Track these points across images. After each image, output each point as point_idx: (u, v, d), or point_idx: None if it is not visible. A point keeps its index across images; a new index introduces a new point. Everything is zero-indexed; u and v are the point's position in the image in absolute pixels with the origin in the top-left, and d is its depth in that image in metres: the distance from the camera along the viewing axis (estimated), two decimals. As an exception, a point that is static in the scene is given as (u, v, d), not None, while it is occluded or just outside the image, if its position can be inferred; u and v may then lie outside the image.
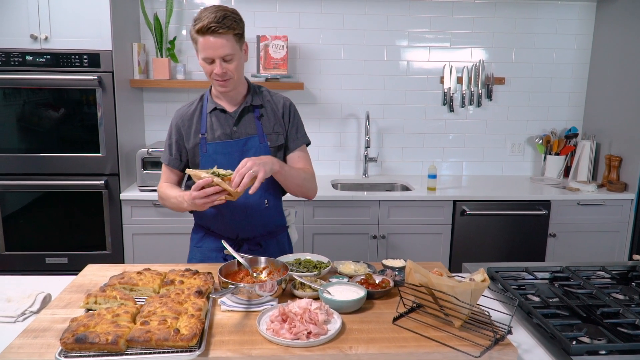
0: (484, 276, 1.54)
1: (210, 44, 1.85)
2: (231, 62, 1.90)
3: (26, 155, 3.20)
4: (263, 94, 2.11)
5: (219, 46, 1.85)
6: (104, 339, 1.30)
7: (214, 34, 1.83)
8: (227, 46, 1.86)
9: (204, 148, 2.03)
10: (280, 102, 2.11)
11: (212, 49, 1.86)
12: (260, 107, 2.07)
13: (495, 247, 3.50)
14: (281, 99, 2.12)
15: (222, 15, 1.84)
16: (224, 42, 1.85)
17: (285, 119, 2.10)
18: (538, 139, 3.96)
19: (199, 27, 1.84)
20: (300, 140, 2.13)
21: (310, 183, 2.10)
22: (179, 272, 1.74)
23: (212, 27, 1.82)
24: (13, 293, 1.72)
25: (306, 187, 2.09)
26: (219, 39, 1.85)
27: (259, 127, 2.05)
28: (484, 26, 3.86)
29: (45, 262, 3.31)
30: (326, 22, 3.77)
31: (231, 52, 1.88)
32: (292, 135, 2.11)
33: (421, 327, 1.51)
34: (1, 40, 3.06)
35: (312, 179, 2.12)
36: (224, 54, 1.87)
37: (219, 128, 2.04)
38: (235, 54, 1.90)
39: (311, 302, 1.52)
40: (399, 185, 3.83)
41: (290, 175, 1.98)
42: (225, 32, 1.84)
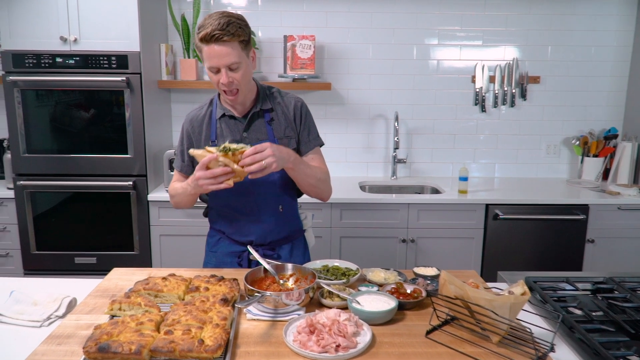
0: (524, 289, 1.46)
1: (214, 53, 1.76)
2: (237, 70, 1.81)
3: (56, 156, 3.22)
4: (273, 96, 2.03)
5: (224, 54, 1.76)
6: (127, 348, 1.26)
7: (218, 42, 1.74)
8: (232, 54, 1.77)
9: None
10: (292, 104, 2.02)
11: (216, 57, 1.77)
12: (270, 111, 1.99)
13: (529, 253, 3.38)
14: (292, 100, 2.03)
15: (226, 22, 1.74)
16: (229, 50, 1.76)
17: (296, 121, 2.02)
18: (575, 140, 3.81)
19: (202, 35, 1.75)
20: (312, 142, 2.04)
21: (324, 184, 2.03)
22: (204, 278, 1.70)
23: (216, 34, 1.73)
24: (39, 297, 1.71)
25: (320, 188, 2.02)
26: (224, 47, 1.75)
27: (269, 132, 1.98)
28: (517, 23, 3.73)
29: (75, 262, 3.32)
30: (354, 21, 3.70)
31: (237, 60, 1.79)
32: (304, 138, 2.03)
33: (456, 342, 1.44)
34: (32, 42, 3.08)
35: (326, 179, 2.05)
36: (229, 63, 1.78)
37: (229, 134, 1.98)
38: (241, 61, 1.80)
39: (340, 313, 1.46)
40: (428, 187, 3.74)
41: (304, 173, 1.91)
42: (230, 39, 1.75)
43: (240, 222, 2.04)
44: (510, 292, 1.46)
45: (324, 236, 3.26)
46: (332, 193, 2.10)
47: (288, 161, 1.80)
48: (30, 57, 3.09)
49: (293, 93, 2.07)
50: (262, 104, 1.98)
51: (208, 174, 1.70)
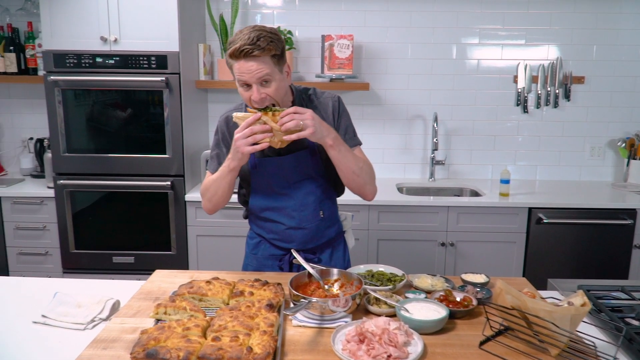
0: (584, 299, 1.39)
1: (244, 68, 1.68)
2: (269, 84, 1.72)
3: (95, 156, 3.25)
4: (310, 100, 1.94)
5: (255, 69, 1.67)
6: (175, 355, 1.24)
7: (247, 56, 1.66)
8: (263, 69, 1.68)
9: (254, 164, 1.91)
10: (329, 104, 1.94)
11: (247, 72, 1.68)
12: None
13: (573, 259, 3.26)
14: (329, 100, 1.95)
15: (256, 36, 1.66)
16: (260, 64, 1.67)
17: (335, 122, 1.93)
18: (621, 142, 3.68)
19: (231, 51, 1.67)
20: (350, 142, 1.92)
21: (367, 175, 1.92)
22: (248, 282, 1.67)
23: (246, 49, 1.64)
24: (83, 298, 1.70)
25: (364, 179, 1.89)
26: (254, 62, 1.67)
27: (309, 141, 1.86)
28: (562, 22, 3.62)
29: (113, 261, 3.35)
30: (392, 20, 3.63)
31: (269, 75, 1.70)
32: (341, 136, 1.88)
33: (512, 354, 1.38)
34: (72, 42, 3.11)
35: (370, 171, 1.94)
36: (260, 77, 1.69)
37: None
38: (273, 75, 1.71)
39: (389, 322, 1.41)
40: (467, 189, 3.65)
41: (346, 157, 1.81)
42: (261, 53, 1.66)
43: (281, 228, 2.00)
44: (569, 303, 1.39)
45: (361, 239, 3.21)
46: (377, 192, 2.00)
47: (327, 136, 1.73)
48: (71, 57, 3.12)
49: (328, 91, 1.99)
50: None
51: (247, 132, 1.66)
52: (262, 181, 1.95)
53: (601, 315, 1.64)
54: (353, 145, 1.94)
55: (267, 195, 1.97)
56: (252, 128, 1.66)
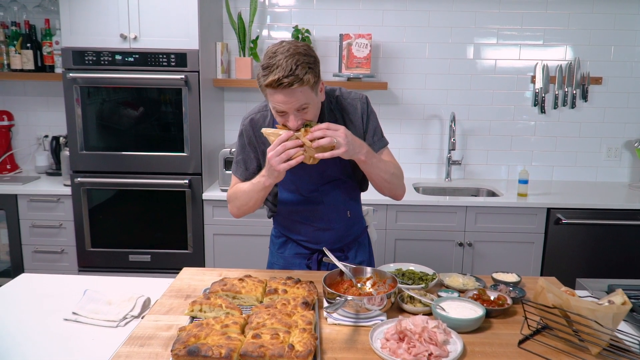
0: (624, 298, 1.38)
1: (281, 99, 1.60)
2: (307, 110, 1.65)
3: (112, 154, 3.24)
4: (338, 101, 1.88)
5: (293, 101, 1.60)
6: (217, 352, 1.23)
7: (286, 89, 1.57)
8: (301, 99, 1.61)
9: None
10: (358, 106, 1.88)
11: (283, 103, 1.61)
12: (336, 120, 1.85)
13: (592, 259, 3.25)
14: (357, 102, 1.89)
15: (294, 64, 1.55)
16: (298, 95, 1.59)
17: (363, 125, 1.89)
18: (637, 143, 3.66)
19: (268, 82, 1.57)
20: (378, 144, 1.90)
21: (398, 180, 1.91)
22: (281, 280, 1.66)
23: (284, 82, 1.55)
24: (113, 296, 1.70)
25: (394, 184, 1.89)
26: (292, 94, 1.58)
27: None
28: (580, 22, 3.60)
29: (129, 259, 3.34)
30: (410, 20, 3.62)
31: (306, 102, 1.63)
32: (368, 140, 1.88)
33: (552, 353, 1.37)
34: (92, 39, 3.11)
35: (400, 175, 1.92)
36: (298, 107, 1.62)
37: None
38: (310, 102, 1.64)
39: (427, 320, 1.40)
40: (484, 190, 3.64)
41: (378, 167, 1.78)
42: (300, 85, 1.57)
43: (309, 230, 1.99)
44: (610, 302, 1.38)
45: (378, 239, 3.19)
46: (405, 190, 2.00)
47: (360, 153, 1.69)
48: (90, 55, 3.11)
49: (355, 90, 1.93)
50: (328, 116, 1.84)
51: (280, 149, 1.61)
52: (290, 185, 1.94)
53: (634, 315, 1.63)
54: (381, 146, 1.93)
55: (295, 197, 1.96)
56: (285, 145, 1.61)
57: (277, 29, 3.66)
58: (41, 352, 1.41)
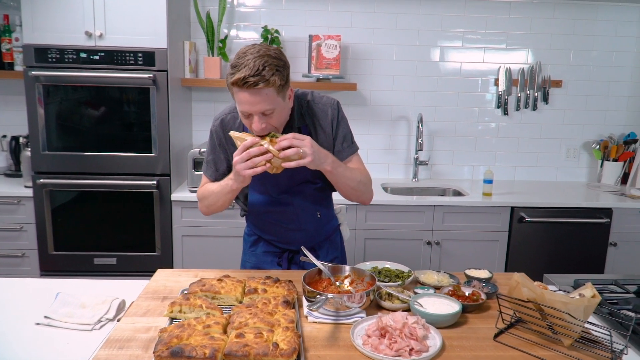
0: (593, 291, 1.44)
1: (246, 99, 1.59)
2: (272, 115, 1.65)
3: (77, 154, 3.15)
4: (309, 107, 1.86)
5: (257, 102, 1.59)
6: (201, 352, 1.22)
7: (251, 88, 1.56)
8: (266, 101, 1.60)
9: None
10: (328, 112, 1.87)
11: (248, 104, 1.60)
12: (306, 125, 1.86)
13: (552, 256, 3.36)
14: (328, 108, 1.87)
15: (261, 65, 1.55)
16: (263, 97, 1.58)
17: (333, 130, 1.88)
18: (595, 145, 3.81)
19: (234, 80, 1.57)
20: (347, 151, 1.90)
21: (365, 187, 1.92)
22: (260, 280, 1.66)
23: (250, 81, 1.55)
24: (86, 299, 1.66)
25: (361, 191, 1.91)
26: (258, 95, 1.58)
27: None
28: (541, 27, 3.73)
29: (94, 262, 3.26)
30: (378, 22, 3.67)
31: (271, 107, 1.62)
32: (338, 147, 1.89)
33: (526, 345, 1.41)
34: (55, 36, 3.02)
35: (367, 183, 1.94)
36: (263, 110, 1.61)
37: None
38: (276, 107, 1.63)
39: (407, 316, 1.43)
40: (450, 189, 3.72)
41: (344, 176, 1.79)
42: (265, 86, 1.56)
43: (280, 230, 2.00)
44: (580, 295, 1.44)
45: (349, 238, 3.21)
46: (373, 196, 2.02)
47: (325, 163, 1.69)
48: (54, 52, 3.03)
49: (327, 95, 1.92)
50: (297, 121, 1.83)
51: (244, 155, 1.60)
52: (260, 187, 1.94)
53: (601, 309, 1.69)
54: (351, 153, 1.92)
55: (264, 199, 1.96)
56: (250, 152, 1.59)
57: (246, 29, 3.65)
58: (14, 358, 1.36)
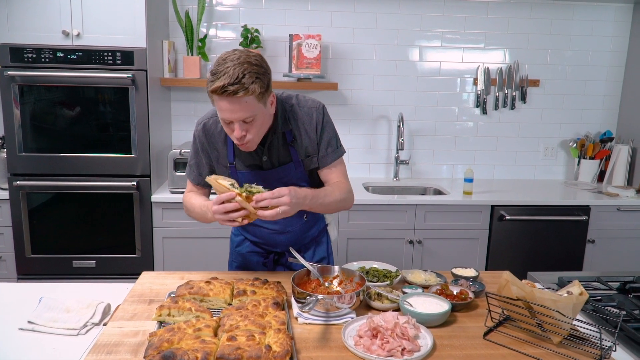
0: (580, 289, 1.47)
1: (226, 107, 1.57)
2: (252, 123, 1.63)
3: (54, 155, 3.09)
4: (294, 111, 1.83)
5: (238, 110, 1.57)
6: (192, 356, 1.20)
7: (230, 96, 1.54)
8: (247, 109, 1.58)
9: (235, 176, 1.85)
10: (313, 116, 1.83)
11: (228, 112, 1.58)
12: (290, 130, 1.83)
13: (532, 253, 3.41)
14: (313, 112, 1.84)
15: (241, 73, 1.53)
16: (243, 105, 1.57)
17: (317, 135, 1.85)
18: (572, 143, 3.88)
19: (214, 88, 1.54)
20: (331, 156, 1.88)
21: (345, 202, 1.89)
22: (248, 282, 1.65)
23: (229, 90, 1.53)
24: (71, 303, 1.63)
25: (341, 207, 1.90)
26: (237, 104, 1.56)
27: (294, 154, 1.83)
28: (518, 27, 3.78)
29: (72, 265, 3.19)
30: (359, 22, 3.67)
31: (252, 114, 1.60)
32: (322, 152, 1.86)
33: (516, 343, 1.43)
34: (31, 36, 2.95)
35: (347, 197, 1.90)
36: (243, 117, 1.60)
37: (248, 158, 1.84)
38: (256, 114, 1.62)
39: (397, 316, 1.43)
40: (431, 188, 3.74)
41: (323, 205, 1.78)
42: (245, 94, 1.54)
43: (265, 233, 1.99)
44: (568, 292, 1.46)
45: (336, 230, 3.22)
46: (353, 203, 2.00)
47: (303, 205, 1.68)
48: (30, 52, 2.96)
49: (312, 98, 1.88)
50: (281, 125, 1.80)
51: (221, 209, 1.58)
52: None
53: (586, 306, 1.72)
54: (335, 158, 1.90)
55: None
56: (226, 207, 1.57)
57: (226, 28, 3.61)
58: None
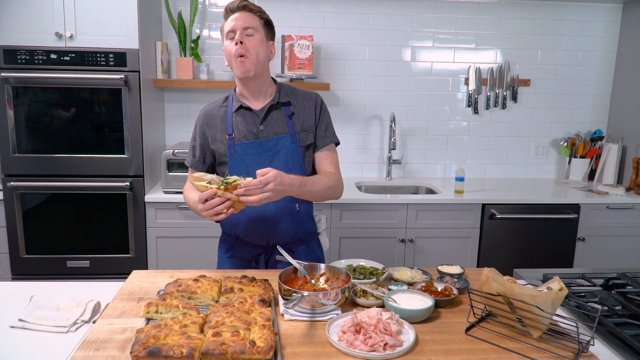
0: (560, 284, 1.49)
1: (236, 17, 1.87)
2: (252, 37, 1.88)
3: (48, 156, 3.12)
4: (292, 91, 2.04)
5: (244, 18, 1.87)
6: (178, 352, 1.23)
7: (243, 10, 1.88)
8: (251, 21, 1.88)
9: (232, 149, 1.95)
10: (312, 98, 2.04)
11: (236, 20, 1.87)
12: (290, 105, 1.99)
13: (522, 251, 3.45)
14: (312, 95, 2.05)
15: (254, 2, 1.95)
16: (250, 17, 1.88)
17: (316, 115, 2.02)
18: (563, 142, 3.92)
19: (226, 8, 1.89)
20: (329, 138, 2.04)
21: (334, 190, 1.99)
22: (236, 279, 1.68)
23: (240, 4, 1.88)
24: (61, 301, 1.65)
25: (330, 196, 2.00)
26: (244, 14, 1.88)
27: (290, 127, 1.97)
28: (509, 27, 3.81)
29: (67, 265, 3.22)
30: (351, 22, 3.71)
31: (254, 27, 1.88)
32: (320, 132, 2.02)
33: (496, 338, 1.46)
34: (25, 38, 2.98)
35: (336, 185, 2.00)
36: (246, 25, 1.87)
37: (244, 127, 1.96)
38: (258, 31, 1.89)
39: (381, 312, 1.46)
40: (423, 187, 3.78)
41: (311, 192, 1.87)
42: (251, 9, 1.90)
43: (257, 223, 2.01)
44: (548, 288, 1.49)
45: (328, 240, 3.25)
46: (343, 191, 2.08)
47: (290, 192, 1.76)
48: (23, 53, 2.99)
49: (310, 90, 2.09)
50: (280, 97, 1.98)
51: (207, 206, 1.68)
52: (241, 166, 1.95)
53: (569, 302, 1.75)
54: (333, 141, 2.07)
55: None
56: (211, 203, 1.67)
57: (218, 29, 3.64)
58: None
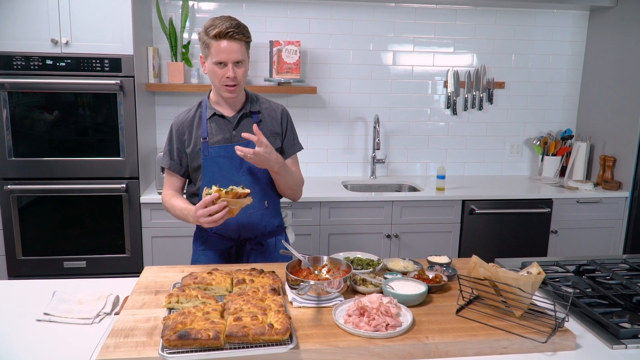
0: (538, 269, 1.67)
1: (226, 48, 1.96)
2: (241, 67, 2.02)
3: (45, 160, 3.20)
4: (260, 101, 2.23)
5: (235, 50, 1.98)
6: (205, 335, 1.37)
7: (230, 39, 1.96)
8: (240, 52, 2.00)
9: (207, 151, 2.12)
10: (279, 109, 2.24)
11: (226, 52, 1.97)
12: (258, 113, 2.19)
13: (500, 243, 3.66)
14: (279, 106, 2.26)
15: (237, 24, 1.98)
16: (239, 47, 1.99)
17: (283, 125, 2.23)
18: (536, 141, 4.15)
19: (215, 33, 1.95)
20: (296, 147, 2.30)
21: (299, 187, 2.27)
22: (246, 272, 1.82)
23: (230, 32, 1.95)
24: (82, 295, 1.77)
25: (294, 190, 2.25)
26: (235, 44, 1.97)
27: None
28: (485, 33, 4.03)
29: (64, 266, 3.31)
30: (336, 28, 3.87)
31: (243, 58, 2.02)
32: (289, 141, 2.26)
33: (484, 318, 1.63)
34: (20, 44, 3.06)
35: (301, 185, 2.29)
36: (237, 59, 1.99)
37: (219, 133, 2.14)
38: (245, 60, 2.04)
39: (381, 297, 1.62)
40: (406, 185, 3.96)
41: (286, 178, 2.13)
42: (240, 38, 1.99)
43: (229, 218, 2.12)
44: (528, 272, 1.67)
45: (313, 234, 3.41)
46: (302, 195, 2.33)
47: (273, 166, 2.02)
48: (19, 59, 3.06)
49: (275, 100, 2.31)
50: (251, 106, 2.17)
51: (206, 212, 1.87)
52: (214, 168, 2.12)
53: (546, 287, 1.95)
54: (296, 150, 2.31)
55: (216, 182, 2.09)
56: (210, 209, 1.87)
57: (208, 35, 3.76)
58: (21, 353, 1.46)
